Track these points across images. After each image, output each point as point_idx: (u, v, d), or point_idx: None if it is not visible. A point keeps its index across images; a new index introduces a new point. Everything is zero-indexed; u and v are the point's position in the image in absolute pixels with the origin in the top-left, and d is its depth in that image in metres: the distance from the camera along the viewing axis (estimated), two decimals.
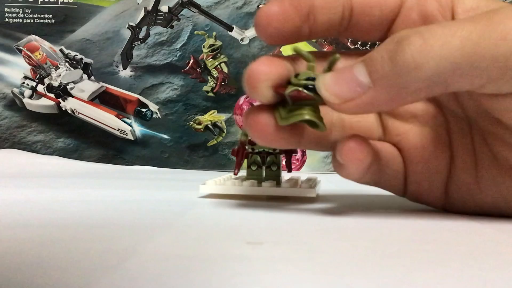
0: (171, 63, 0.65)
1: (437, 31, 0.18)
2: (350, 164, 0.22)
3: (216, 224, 0.22)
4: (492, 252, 0.17)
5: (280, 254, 0.16)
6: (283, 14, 0.21)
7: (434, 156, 0.24)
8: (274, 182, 0.29)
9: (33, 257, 0.15)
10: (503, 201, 0.23)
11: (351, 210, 0.25)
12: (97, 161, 0.64)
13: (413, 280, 0.14)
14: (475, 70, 0.18)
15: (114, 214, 0.24)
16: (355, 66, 0.20)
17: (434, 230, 0.21)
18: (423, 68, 0.18)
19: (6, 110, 0.66)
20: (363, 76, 0.19)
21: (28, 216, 0.23)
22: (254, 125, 0.22)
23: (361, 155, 0.21)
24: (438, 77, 0.18)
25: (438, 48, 0.18)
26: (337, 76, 0.20)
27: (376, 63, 0.19)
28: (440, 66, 0.18)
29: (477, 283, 0.13)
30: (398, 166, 0.24)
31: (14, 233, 0.19)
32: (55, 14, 0.66)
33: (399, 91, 0.19)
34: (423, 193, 0.24)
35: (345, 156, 0.22)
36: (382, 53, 0.19)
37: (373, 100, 0.19)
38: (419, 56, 0.18)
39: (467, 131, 0.23)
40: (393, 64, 0.19)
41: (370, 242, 0.18)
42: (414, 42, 0.18)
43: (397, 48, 0.19)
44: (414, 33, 0.19)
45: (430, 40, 0.18)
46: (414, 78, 0.18)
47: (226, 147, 0.64)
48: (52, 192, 0.33)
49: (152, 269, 0.14)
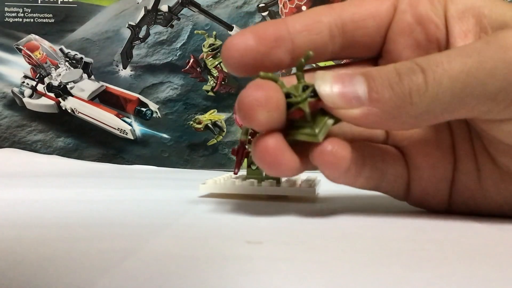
0: (171, 63, 0.65)
1: (436, 69, 0.19)
2: (323, 168, 0.21)
3: (216, 223, 0.22)
4: (493, 252, 0.17)
5: (280, 254, 0.16)
6: (243, 42, 0.21)
7: (440, 161, 0.23)
8: (274, 182, 0.29)
9: (33, 256, 0.15)
10: (506, 205, 0.22)
11: (351, 210, 0.25)
12: (97, 160, 0.64)
13: (413, 279, 0.14)
14: (465, 106, 0.19)
15: (114, 213, 0.24)
16: (356, 77, 0.20)
17: (434, 230, 0.21)
18: (415, 105, 0.19)
19: (6, 110, 0.66)
20: (362, 91, 0.19)
21: (27, 215, 0.23)
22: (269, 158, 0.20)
23: (333, 159, 0.20)
24: (427, 115, 0.19)
25: (431, 89, 0.19)
26: (335, 78, 0.20)
27: (377, 84, 0.19)
28: (431, 105, 0.19)
29: (478, 283, 0.13)
30: (400, 171, 0.24)
31: (14, 232, 0.19)
32: (55, 13, 0.66)
33: (389, 118, 0.19)
34: (427, 199, 0.24)
35: (315, 159, 0.21)
36: (383, 77, 0.19)
37: (362, 118, 0.19)
38: (416, 94, 0.19)
39: (468, 136, 0.23)
40: (392, 93, 0.19)
41: (369, 242, 0.18)
42: (414, 79, 0.19)
43: (399, 79, 0.19)
44: (416, 68, 0.19)
45: (428, 78, 0.19)
46: (407, 112, 0.19)
47: (226, 147, 0.64)
48: (52, 192, 0.33)
49: (152, 269, 0.14)
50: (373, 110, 0.19)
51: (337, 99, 0.19)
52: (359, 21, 0.22)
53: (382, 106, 0.19)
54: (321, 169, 0.21)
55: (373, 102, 0.19)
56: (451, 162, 0.23)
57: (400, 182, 0.24)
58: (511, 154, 0.21)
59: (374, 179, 0.23)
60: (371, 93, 0.19)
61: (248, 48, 0.21)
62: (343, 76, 0.20)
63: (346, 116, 0.20)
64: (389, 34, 0.23)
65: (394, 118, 0.19)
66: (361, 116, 0.19)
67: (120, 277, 0.13)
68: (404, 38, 0.22)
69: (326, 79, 0.20)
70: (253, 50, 0.21)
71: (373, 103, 0.19)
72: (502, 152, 0.21)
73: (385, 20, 0.22)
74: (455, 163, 0.23)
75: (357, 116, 0.19)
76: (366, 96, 0.19)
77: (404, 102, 0.19)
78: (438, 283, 0.13)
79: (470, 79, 0.19)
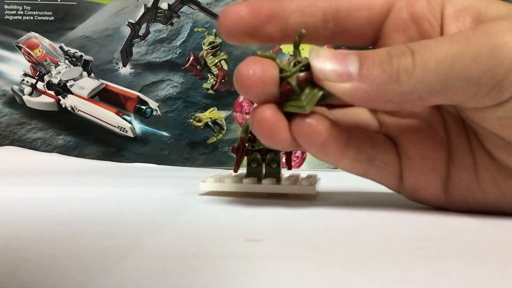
0: (171, 61, 0.65)
1: (424, 52, 0.20)
2: (299, 139, 0.22)
3: (216, 221, 0.22)
4: (492, 250, 0.17)
5: (280, 252, 0.16)
6: (237, 13, 0.22)
7: (432, 153, 0.24)
8: (274, 180, 0.29)
9: (33, 254, 0.15)
10: (505, 200, 0.23)
11: (351, 207, 0.25)
12: (97, 158, 0.64)
13: (413, 276, 0.14)
14: (450, 89, 0.20)
15: (114, 211, 0.24)
16: (349, 55, 0.21)
17: (434, 227, 0.21)
18: (402, 84, 0.20)
19: (6, 108, 0.66)
20: (353, 68, 0.20)
21: (27, 213, 0.23)
22: (261, 123, 0.22)
23: (308, 130, 0.21)
24: (413, 95, 0.20)
25: (418, 70, 0.20)
26: (330, 53, 0.21)
27: (368, 62, 0.20)
28: (417, 86, 0.20)
29: (478, 280, 0.13)
30: (390, 158, 0.24)
31: (14, 230, 0.19)
32: (55, 11, 0.66)
33: (376, 95, 0.20)
34: (419, 190, 0.24)
35: (293, 129, 0.21)
36: (375, 57, 0.20)
37: (352, 92, 0.20)
38: (403, 73, 0.20)
39: (463, 131, 0.23)
40: (381, 70, 0.20)
41: (370, 239, 0.18)
42: (403, 60, 0.20)
43: (389, 59, 0.20)
44: (406, 50, 0.20)
45: (416, 60, 0.20)
46: (393, 90, 0.20)
47: (226, 145, 0.64)
48: (52, 190, 0.33)
49: (151, 267, 0.14)
50: (362, 85, 0.20)
51: (328, 73, 0.20)
52: (353, 11, 0.23)
53: (371, 82, 0.20)
54: (298, 140, 0.22)
55: (362, 78, 0.20)
56: (445, 155, 0.24)
57: (390, 170, 0.24)
58: (506, 149, 0.21)
59: (361, 162, 0.24)
60: (361, 69, 0.20)
61: (241, 19, 0.22)
62: (338, 53, 0.21)
63: (335, 89, 0.20)
64: (384, 30, 0.23)
65: (381, 95, 0.20)
66: (350, 90, 0.20)
67: (120, 275, 0.13)
68: (398, 35, 0.23)
69: (320, 54, 0.21)
70: (245, 22, 0.22)
71: (362, 79, 0.20)
72: (497, 146, 0.22)
73: (377, 14, 0.23)
74: (451, 156, 0.24)
75: (346, 90, 0.20)
76: (356, 72, 0.20)
77: (392, 80, 0.20)
78: (437, 280, 0.13)
79: (455, 63, 0.19)
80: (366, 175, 0.24)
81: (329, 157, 0.23)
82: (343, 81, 0.20)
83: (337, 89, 0.20)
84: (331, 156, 0.23)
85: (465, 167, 0.23)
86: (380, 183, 0.25)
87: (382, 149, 0.24)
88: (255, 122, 0.22)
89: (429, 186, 0.24)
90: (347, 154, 0.23)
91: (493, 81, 0.19)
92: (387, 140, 0.25)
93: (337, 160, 0.23)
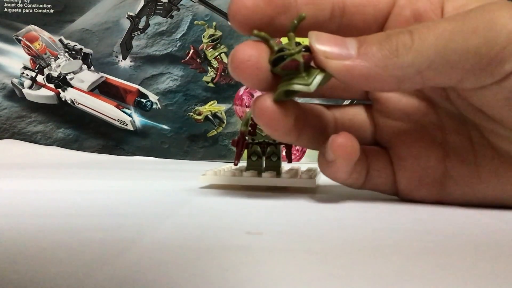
0: (171, 53, 0.65)
1: (422, 30, 0.20)
2: (341, 160, 0.23)
3: (216, 214, 0.22)
4: (492, 242, 0.17)
5: (280, 244, 0.16)
6: (253, 2, 0.22)
7: (424, 152, 0.24)
8: (274, 173, 0.29)
9: (33, 247, 0.15)
10: (504, 192, 0.23)
11: (350, 201, 0.25)
12: (97, 151, 0.64)
13: (413, 269, 0.14)
14: (448, 64, 0.20)
15: (114, 204, 0.24)
16: (348, 39, 0.21)
17: (434, 221, 0.21)
18: (401, 58, 0.20)
19: (6, 101, 0.66)
20: (352, 49, 0.21)
21: (27, 206, 0.23)
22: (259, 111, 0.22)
23: (351, 150, 0.22)
24: (413, 69, 0.20)
25: (417, 44, 0.20)
26: (330, 37, 0.21)
27: (366, 42, 0.21)
28: (416, 60, 0.20)
29: (478, 273, 0.13)
30: (382, 165, 0.25)
31: (14, 223, 0.19)
32: (54, 4, 0.66)
33: (376, 70, 0.20)
34: (413, 190, 0.25)
35: (336, 151, 0.22)
36: (373, 37, 0.21)
37: (351, 68, 0.21)
38: (402, 48, 0.20)
39: (463, 127, 0.24)
40: (380, 46, 0.20)
41: (369, 232, 0.18)
42: (401, 37, 0.20)
43: (387, 37, 0.20)
44: (405, 30, 0.20)
45: (414, 36, 0.20)
46: (393, 64, 0.20)
47: (226, 138, 0.64)
48: (52, 183, 0.33)
49: (152, 259, 0.14)
50: (361, 62, 0.20)
51: (329, 53, 0.21)
52: (360, 6, 0.23)
53: (369, 58, 0.20)
54: (337, 160, 0.23)
55: (361, 55, 0.20)
56: (439, 153, 0.24)
57: (383, 176, 0.25)
58: (509, 138, 0.22)
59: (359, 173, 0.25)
60: (360, 48, 0.21)
61: (257, 8, 0.22)
62: (337, 37, 0.21)
63: (335, 66, 0.21)
64: (387, 27, 0.23)
65: (381, 69, 0.20)
66: (350, 67, 0.20)
67: (120, 267, 0.13)
68: None
69: (320, 36, 0.21)
70: (261, 11, 0.22)
71: (361, 56, 0.20)
72: (500, 137, 0.22)
73: (384, 11, 0.23)
74: (447, 153, 0.24)
75: (346, 67, 0.21)
76: (355, 52, 0.21)
77: (391, 54, 0.20)
78: (438, 273, 0.13)
79: (453, 36, 0.20)
80: (362, 187, 0.25)
81: (348, 173, 0.24)
82: (343, 59, 0.21)
83: (337, 66, 0.21)
84: (349, 172, 0.24)
85: (465, 162, 0.23)
86: (376, 191, 0.26)
87: (374, 158, 0.25)
88: (257, 111, 0.22)
89: (423, 185, 0.24)
90: (357, 169, 0.24)
91: (492, 52, 0.19)
92: (378, 149, 0.26)
93: (347, 177, 0.24)
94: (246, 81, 0.22)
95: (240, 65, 0.21)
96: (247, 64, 0.21)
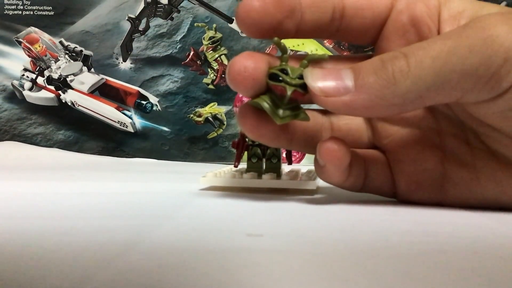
0: (171, 55, 0.65)
1: (417, 52, 0.20)
2: (329, 164, 0.23)
3: (216, 216, 0.22)
4: (491, 244, 0.17)
5: (280, 246, 0.16)
6: (263, 6, 0.22)
7: (421, 155, 0.24)
8: (275, 175, 0.29)
9: (33, 249, 0.15)
10: (503, 194, 0.23)
11: (351, 203, 0.25)
12: (97, 153, 0.64)
13: (413, 271, 0.14)
14: (448, 84, 0.20)
15: (114, 206, 0.24)
16: (343, 70, 0.21)
17: (434, 223, 0.21)
18: (399, 85, 0.20)
19: (6, 103, 0.66)
20: (349, 80, 0.20)
21: (28, 208, 0.24)
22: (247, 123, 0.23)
23: (339, 154, 0.22)
24: (412, 94, 0.20)
25: (413, 69, 0.20)
26: (325, 72, 0.21)
27: (362, 72, 0.20)
28: (414, 85, 0.20)
29: (477, 275, 0.13)
30: (380, 169, 0.25)
31: (14, 225, 0.19)
32: (55, 5, 0.66)
33: (376, 101, 0.20)
34: (413, 192, 0.25)
35: (323, 156, 0.23)
36: (368, 66, 0.20)
37: (351, 103, 0.20)
38: (399, 75, 0.20)
39: (460, 131, 0.24)
40: (376, 77, 0.20)
41: (369, 234, 0.19)
42: (397, 63, 0.20)
43: (382, 65, 0.20)
44: (399, 54, 0.20)
45: (410, 60, 0.20)
46: (392, 92, 0.20)
47: (226, 140, 0.64)
48: (52, 185, 0.33)
49: (152, 261, 0.14)
50: (360, 95, 0.20)
51: (326, 89, 0.21)
52: (358, 10, 0.23)
53: (367, 90, 0.20)
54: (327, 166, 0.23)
55: (359, 88, 0.20)
56: (437, 156, 0.24)
57: (382, 179, 0.25)
58: (508, 144, 0.22)
59: (359, 178, 0.25)
60: (357, 80, 0.20)
61: (267, 12, 0.22)
62: (331, 70, 0.21)
63: (335, 103, 0.21)
64: (384, 32, 0.23)
65: (381, 100, 0.20)
66: (349, 101, 0.20)
67: (121, 269, 0.13)
68: (397, 38, 0.23)
69: (314, 73, 0.21)
70: (271, 15, 0.22)
71: (359, 89, 0.20)
72: (499, 143, 0.22)
73: (382, 15, 0.23)
74: (445, 157, 0.24)
75: (346, 102, 0.20)
76: (352, 84, 0.20)
77: (388, 83, 0.20)
78: (438, 274, 0.13)
79: (450, 56, 0.19)
80: (362, 190, 0.25)
81: (341, 177, 0.24)
82: (341, 94, 0.20)
83: (336, 103, 0.20)
84: (342, 175, 0.24)
85: (464, 165, 0.23)
86: (375, 194, 0.26)
87: (372, 161, 0.25)
88: (239, 117, 0.23)
89: (422, 187, 0.24)
90: (354, 173, 0.24)
91: (490, 71, 0.19)
92: (376, 152, 0.26)
93: (343, 180, 0.24)
94: (243, 91, 0.22)
95: (236, 76, 0.21)
96: (244, 75, 0.21)
